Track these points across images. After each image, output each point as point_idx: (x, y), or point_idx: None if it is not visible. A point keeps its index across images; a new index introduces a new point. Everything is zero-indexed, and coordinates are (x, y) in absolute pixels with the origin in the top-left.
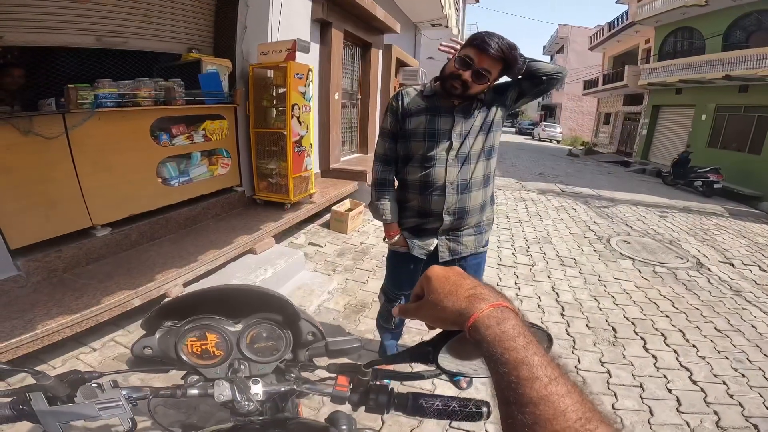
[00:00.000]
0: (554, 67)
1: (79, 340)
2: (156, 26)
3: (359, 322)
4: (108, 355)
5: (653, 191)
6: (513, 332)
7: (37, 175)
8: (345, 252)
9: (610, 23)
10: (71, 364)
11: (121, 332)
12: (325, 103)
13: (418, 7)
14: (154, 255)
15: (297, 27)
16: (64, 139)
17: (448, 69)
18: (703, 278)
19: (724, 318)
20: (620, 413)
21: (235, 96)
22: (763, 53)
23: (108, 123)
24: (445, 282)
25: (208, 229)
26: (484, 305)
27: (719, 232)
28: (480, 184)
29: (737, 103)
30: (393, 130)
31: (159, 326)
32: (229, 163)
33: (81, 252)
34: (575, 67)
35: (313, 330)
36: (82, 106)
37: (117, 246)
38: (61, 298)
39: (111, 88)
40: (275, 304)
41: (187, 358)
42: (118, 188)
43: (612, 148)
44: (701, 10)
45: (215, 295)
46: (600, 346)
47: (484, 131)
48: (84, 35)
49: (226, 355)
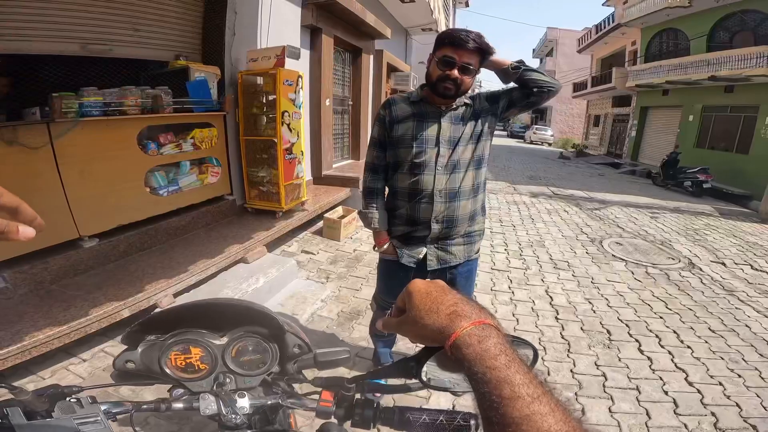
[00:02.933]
0: (547, 80)
1: (68, 351)
2: (142, 33)
3: (353, 329)
4: (98, 366)
5: (644, 192)
6: (495, 350)
7: (21, 186)
8: (338, 259)
9: (597, 25)
10: (60, 375)
11: (111, 343)
12: (316, 110)
13: (408, 12)
14: (143, 265)
15: (287, 33)
16: (49, 149)
17: (434, 74)
18: (695, 278)
19: (717, 318)
20: (617, 416)
21: (224, 103)
22: (747, 53)
23: (93, 132)
24: (425, 298)
25: (199, 239)
26: (465, 323)
27: (710, 231)
28: (469, 194)
29: (723, 103)
30: (381, 139)
31: (141, 340)
32: (219, 172)
33: (68, 263)
34: (564, 70)
35: (299, 342)
36: (67, 115)
37: (105, 257)
38: (49, 309)
39: (96, 96)
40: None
41: (171, 371)
42: (106, 198)
43: (602, 150)
44: (685, 11)
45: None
46: (595, 349)
47: (474, 140)
48: (69, 43)
49: (211, 368)
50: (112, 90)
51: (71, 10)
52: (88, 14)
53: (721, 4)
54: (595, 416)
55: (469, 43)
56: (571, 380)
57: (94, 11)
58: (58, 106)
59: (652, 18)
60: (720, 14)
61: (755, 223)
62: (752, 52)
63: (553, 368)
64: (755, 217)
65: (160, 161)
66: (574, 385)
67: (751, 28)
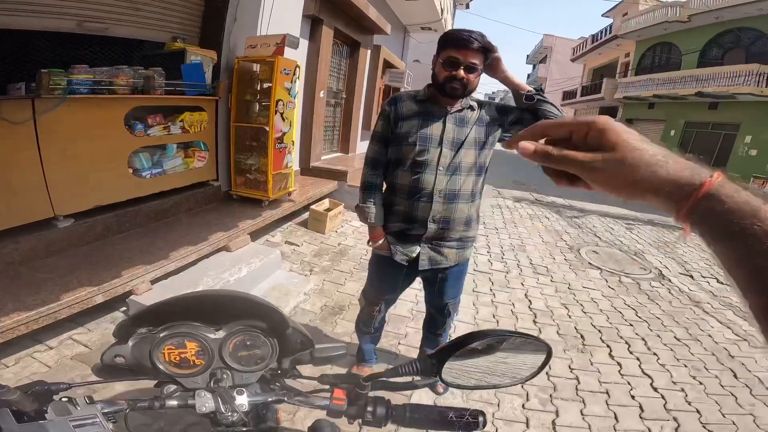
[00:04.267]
0: (555, 113)
1: (35, 338)
2: (141, 13)
3: (336, 324)
4: (65, 354)
5: (620, 203)
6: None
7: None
8: (322, 252)
9: (593, 35)
10: (25, 363)
11: (80, 330)
12: (310, 101)
13: (411, 9)
14: (120, 249)
15: (288, 22)
16: (32, 125)
17: (440, 75)
18: (664, 289)
19: (683, 327)
20: (588, 419)
21: (217, 88)
22: (737, 71)
23: (80, 110)
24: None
25: (180, 224)
26: (713, 172)
27: (680, 245)
28: (467, 198)
29: (706, 120)
30: (384, 134)
31: (132, 334)
32: (206, 157)
33: (40, 244)
34: (556, 78)
35: (302, 338)
36: (54, 91)
37: (80, 238)
38: (17, 292)
39: (87, 74)
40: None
41: (164, 367)
42: (86, 178)
43: None
44: (683, 26)
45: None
46: (569, 353)
47: (478, 146)
48: (64, 19)
49: (207, 364)
50: (103, 68)
51: None
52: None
53: (719, 21)
54: (569, 418)
55: (473, 43)
56: (546, 382)
57: None
58: (46, 82)
59: (649, 31)
60: (716, 30)
61: None
62: (742, 69)
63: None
64: None
65: (146, 143)
66: (549, 387)
67: (745, 46)
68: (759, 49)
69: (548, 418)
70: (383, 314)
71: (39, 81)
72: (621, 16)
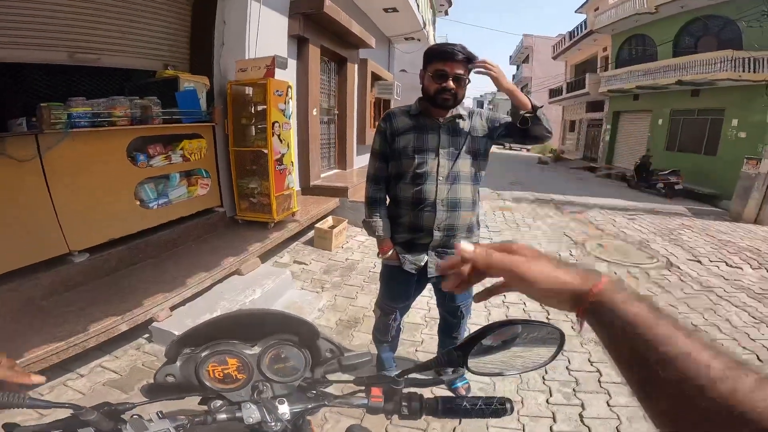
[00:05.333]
0: (547, 135)
1: (65, 367)
2: (131, 42)
3: (353, 337)
4: (97, 381)
5: (620, 195)
6: (637, 297)
7: (9, 199)
8: (331, 269)
9: (570, 32)
10: (59, 391)
11: (108, 357)
12: (304, 120)
13: (393, 21)
14: (136, 280)
15: (274, 43)
16: (38, 161)
17: (431, 89)
18: (674, 276)
19: (699, 313)
20: (616, 410)
21: (213, 114)
22: (711, 58)
23: (83, 144)
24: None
25: (190, 252)
26: (602, 277)
27: (684, 231)
28: (468, 206)
29: (690, 107)
30: (382, 150)
31: (179, 354)
32: (209, 184)
33: (59, 279)
34: (540, 77)
35: (332, 347)
36: (56, 126)
37: (96, 272)
38: (43, 325)
39: (85, 107)
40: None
41: (210, 383)
42: (95, 212)
43: (579, 155)
44: (652, 17)
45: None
46: (587, 346)
47: (472, 156)
48: (56, 51)
49: (248, 377)
50: (100, 100)
51: (59, 17)
52: (77, 22)
53: (685, 10)
54: (596, 410)
55: (457, 55)
56: (568, 377)
57: (83, 18)
58: (47, 116)
59: (621, 24)
60: (684, 20)
61: (726, 222)
62: (715, 56)
63: (550, 366)
64: (726, 216)
65: (149, 173)
66: (571, 381)
67: (714, 33)
68: (728, 36)
69: (574, 411)
70: (399, 322)
71: (40, 116)
72: (593, 11)
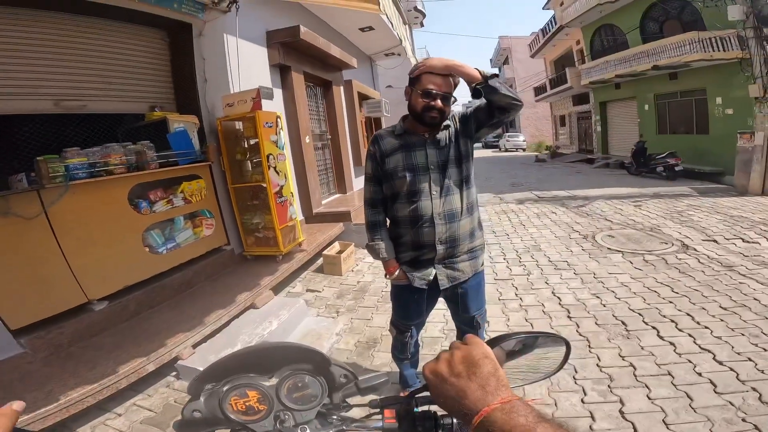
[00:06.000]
0: (509, 99)
1: (102, 408)
2: (114, 86)
3: (373, 357)
4: (134, 419)
5: (622, 183)
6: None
7: (24, 256)
8: (344, 293)
9: (542, 29)
10: (100, 430)
11: (141, 396)
12: (298, 148)
13: (370, 39)
14: (156, 321)
15: (257, 74)
16: (44, 217)
17: (418, 106)
18: (692, 259)
19: (725, 295)
20: (659, 402)
21: (207, 152)
22: (679, 41)
23: (84, 195)
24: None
25: (205, 291)
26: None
27: (693, 211)
28: (466, 213)
29: (672, 90)
30: (375, 174)
31: (202, 390)
32: (213, 223)
33: (82, 326)
34: (522, 76)
35: (345, 372)
36: (55, 179)
37: (117, 317)
38: (74, 369)
39: (80, 157)
40: (304, 355)
41: (234, 416)
42: (107, 262)
43: (574, 148)
44: (614, 6)
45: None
46: (615, 341)
47: (458, 162)
48: (40, 100)
49: (269, 408)
50: (94, 149)
51: (42, 66)
52: (58, 69)
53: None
54: (637, 404)
55: (439, 71)
56: (600, 374)
57: (64, 66)
58: (45, 170)
59: (588, 16)
60: (645, 5)
61: (734, 197)
62: (682, 39)
63: (579, 365)
64: (733, 191)
65: (154, 219)
66: (604, 378)
67: (675, 16)
68: (689, 18)
69: (614, 408)
70: (416, 338)
71: (38, 170)
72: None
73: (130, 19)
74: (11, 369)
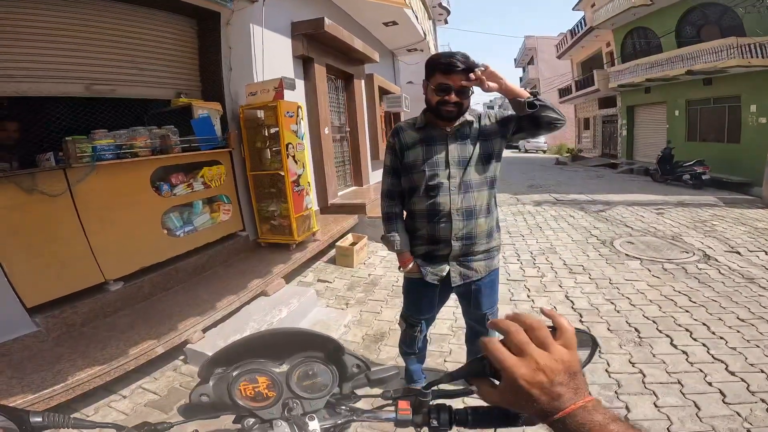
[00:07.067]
0: (558, 118)
1: (108, 389)
2: (143, 72)
3: (380, 351)
4: (138, 402)
5: (645, 189)
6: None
7: (45, 234)
8: (355, 285)
9: (571, 30)
10: (104, 411)
11: (148, 379)
12: (317, 139)
13: (394, 34)
14: (169, 304)
15: (281, 65)
16: (68, 195)
17: (433, 101)
18: (713, 270)
19: (743, 307)
20: (665, 410)
21: (228, 139)
22: (716, 46)
23: (109, 176)
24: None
25: (218, 276)
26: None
27: (718, 222)
28: (484, 212)
29: (705, 96)
30: (393, 166)
31: (212, 374)
32: (231, 209)
33: (97, 306)
34: (547, 77)
35: (357, 362)
36: (82, 159)
37: (131, 298)
38: (85, 350)
39: (108, 139)
40: (317, 342)
41: (242, 402)
42: (126, 243)
43: (597, 152)
44: (648, 9)
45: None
46: (626, 347)
47: (484, 161)
48: (73, 83)
49: (278, 395)
50: (121, 131)
51: (75, 51)
52: (91, 54)
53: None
54: (643, 411)
55: (458, 67)
56: (608, 380)
57: (97, 51)
58: (73, 150)
59: (620, 18)
60: (682, 9)
61: (761, 209)
62: (720, 44)
63: (588, 369)
64: (759, 203)
65: (174, 202)
66: (611, 384)
67: (715, 21)
68: (729, 23)
69: (619, 414)
70: (425, 333)
71: (66, 150)
72: (590, 7)
73: (162, 6)
74: (22, 348)
